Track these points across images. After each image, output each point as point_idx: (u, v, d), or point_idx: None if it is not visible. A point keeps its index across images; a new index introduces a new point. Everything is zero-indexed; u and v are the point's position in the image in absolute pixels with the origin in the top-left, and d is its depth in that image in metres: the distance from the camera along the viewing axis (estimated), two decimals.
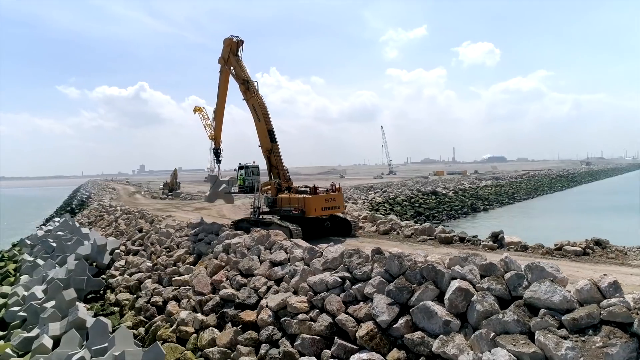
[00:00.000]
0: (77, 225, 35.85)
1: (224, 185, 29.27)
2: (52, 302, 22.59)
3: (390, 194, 70.70)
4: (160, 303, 20.80)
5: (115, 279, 25.25)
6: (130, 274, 25.15)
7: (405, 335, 12.18)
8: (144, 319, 20.07)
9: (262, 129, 27.27)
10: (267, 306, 16.05)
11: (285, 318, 15.09)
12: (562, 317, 10.36)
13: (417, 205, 68.50)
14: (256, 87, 27.59)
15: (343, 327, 13.67)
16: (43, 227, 46.90)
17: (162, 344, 17.65)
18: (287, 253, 18.60)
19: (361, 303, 14.15)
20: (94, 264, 27.94)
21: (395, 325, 12.59)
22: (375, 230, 26.43)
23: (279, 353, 14.15)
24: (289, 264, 18.04)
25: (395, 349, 12.20)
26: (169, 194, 72.60)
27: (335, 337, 13.61)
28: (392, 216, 33.43)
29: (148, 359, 14.48)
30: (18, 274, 31.85)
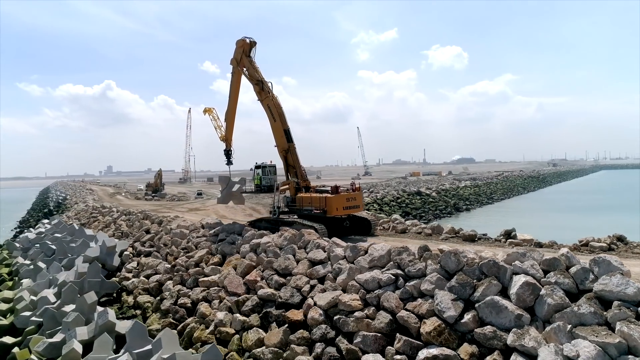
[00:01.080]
0: (76, 226, 34.55)
1: (237, 185, 28.93)
2: (71, 306, 21.82)
3: (377, 195, 71.39)
4: (189, 305, 20.40)
5: (130, 281, 24.57)
6: (147, 276, 24.54)
7: (475, 330, 12.41)
8: (174, 321, 19.62)
9: (279, 128, 27.12)
10: (315, 305, 16.01)
11: (339, 316, 15.08)
12: (638, 309, 10.82)
13: (404, 205, 69.47)
14: (270, 88, 27.47)
15: (405, 324, 13.79)
16: (32, 229, 44.97)
17: (200, 345, 17.45)
18: (325, 252, 18.57)
19: (419, 299, 14.31)
20: (103, 266, 27.08)
21: (462, 321, 12.80)
22: (390, 228, 26.70)
23: (340, 351, 14.14)
24: (329, 262, 18.04)
25: (465, 344, 12.40)
26: (154, 195, 71.04)
27: (397, 334, 13.72)
28: (395, 215, 33.90)
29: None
30: (17, 278, 30.51)
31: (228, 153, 30.83)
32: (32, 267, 29.37)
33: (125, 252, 27.95)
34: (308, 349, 15.02)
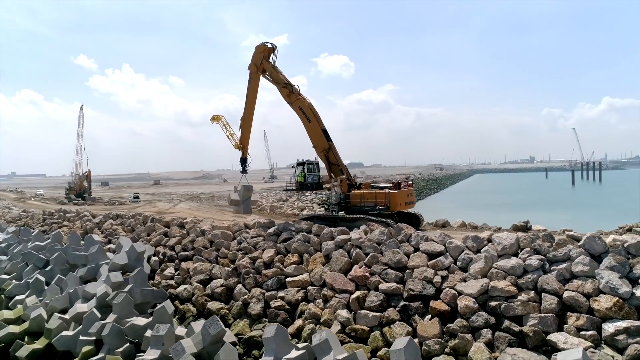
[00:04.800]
0: (77, 233, 29.56)
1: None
2: (140, 319, 19.25)
3: (322, 196, 72.64)
4: (287, 307, 19.30)
5: (183, 288, 22.26)
6: (202, 282, 22.45)
7: None
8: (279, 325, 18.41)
9: (316, 129, 26.89)
10: (462, 294, 16.39)
11: (498, 302, 15.69)
12: None
13: None
14: (298, 90, 27.27)
15: (574, 303, 14.92)
16: None
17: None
18: (439, 244, 18.97)
19: (574, 281, 15.60)
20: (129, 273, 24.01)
21: (637, 295, 14.36)
22: (432, 223, 27.90)
23: (516, 334, 14.77)
24: (447, 253, 18.52)
25: None
26: (79, 199, 63.46)
27: (568, 312, 14.84)
28: None
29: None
30: (2, 296, 25.57)
31: (244, 161, 29.82)
32: (30, 281, 24.82)
33: (154, 258, 25.10)
34: (472, 336, 15.40)
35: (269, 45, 28.10)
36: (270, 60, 28.16)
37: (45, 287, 24.84)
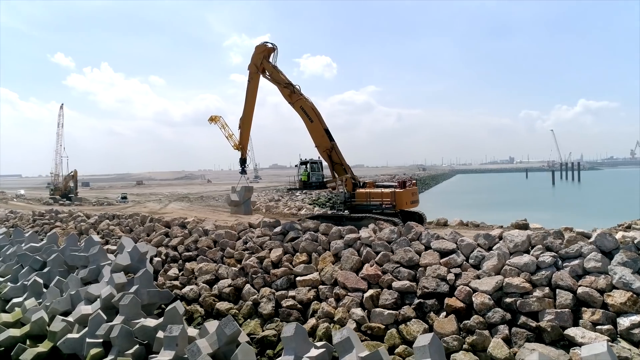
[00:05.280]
0: (76, 235, 28.82)
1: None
2: (149, 321, 18.95)
3: (312, 196, 73.08)
4: (299, 306, 19.24)
5: (189, 288, 21.98)
6: (208, 282, 22.21)
7: None
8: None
9: (318, 128, 26.96)
10: (479, 290, 16.57)
11: (513, 299, 15.92)
12: None
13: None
14: (299, 89, 27.35)
15: (588, 299, 15.24)
16: None
17: None
18: (451, 242, 19.14)
19: (587, 276, 15.94)
20: (133, 275, 23.59)
21: None
22: (430, 222, 28.14)
23: (533, 329, 15.02)
24: (459, 251, 18.71)
25: None
26: (64, 199, 62.11)
27: (583, 307, 15.17)
28: None
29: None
30: None
31: (243, 161, 29.80)
32: (28, 284, 24.16)
33: (157, 259, 24.72)
34: (489, 332, 15.59)
35: (270, 46, 28.17)
36: (270, 60, 28.17)
37: (44, 290, 24.26)
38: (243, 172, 31.13)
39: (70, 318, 20.72)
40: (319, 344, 15.95)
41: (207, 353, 16.18)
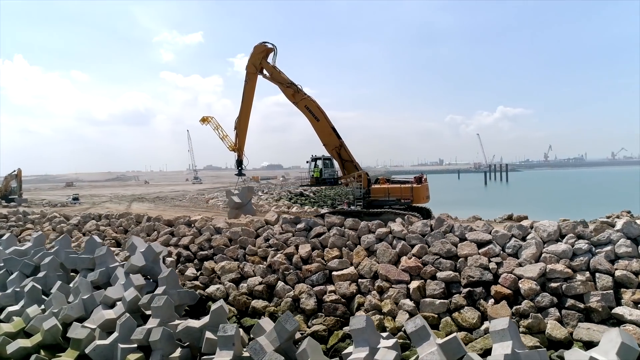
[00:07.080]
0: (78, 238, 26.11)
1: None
2: (193, 322, 18.08)
3: (282, 194, 73.31)
4: (343, 300, 19.27)
5: (215, 288, 21.17)
6: (234, 280, 21.54)
7: None
8: (339, 319, 18.43)
9: (325, 127, 27.18)
10: (525, 277, 17.59)
11: (558, 283, 17.12)
12: None
13: (306, 203, 72.06)
14: (301, 88, 27.61)
15: (627, 280, 16.77)
16: None
17: None
18: (485, 233, 20.10)
19: (620, 261, 17.52)
20: (146, 276, 22.30)
21: None
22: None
23: (582, 310, 16.25)
24: (494, 241, 19.70)
25: None
26: (4, 201, 56.61)
27: (622, 289, 16.69)
28: None
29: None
30: None
31: (240, 163, 29.42)
32: (26, 290, 21.90)
33: (169, 259, 23.48)
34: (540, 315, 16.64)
35: (269, 46, 28.15)
36: (269, 60, 28.06)
37: (44, 296, 22.20)
38: (240, 173, 30.66)
39: (89, 324, 19.17)
40: (384, 334, 16.14)
41: (272, 350, 15.79)
